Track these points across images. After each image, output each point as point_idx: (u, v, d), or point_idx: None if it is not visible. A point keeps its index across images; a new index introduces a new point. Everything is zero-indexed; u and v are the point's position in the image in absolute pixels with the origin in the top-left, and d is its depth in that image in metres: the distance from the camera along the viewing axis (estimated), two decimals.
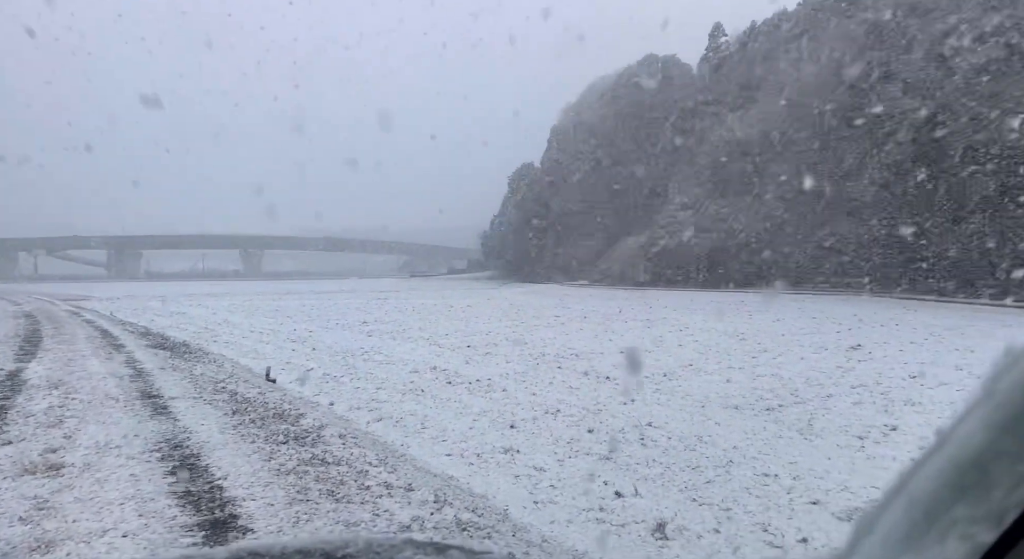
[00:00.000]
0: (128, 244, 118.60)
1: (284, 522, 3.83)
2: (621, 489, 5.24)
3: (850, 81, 36.13)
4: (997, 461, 0.54)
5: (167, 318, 22.51)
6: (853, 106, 35.53)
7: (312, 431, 6.18)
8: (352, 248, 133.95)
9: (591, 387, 9.51)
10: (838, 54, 37.60)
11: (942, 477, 0.58)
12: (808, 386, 9.33)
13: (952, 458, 0.57)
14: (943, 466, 0.58)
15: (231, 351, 13.44)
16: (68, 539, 3.58)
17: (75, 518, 3.89)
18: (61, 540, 3.56)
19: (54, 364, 10.12)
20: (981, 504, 0.55)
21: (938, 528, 0.57)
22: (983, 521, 0.55)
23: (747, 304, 26.84)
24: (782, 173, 40.08)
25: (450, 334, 16.73)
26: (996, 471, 0.54)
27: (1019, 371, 0.54)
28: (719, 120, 47.28)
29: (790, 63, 42.12)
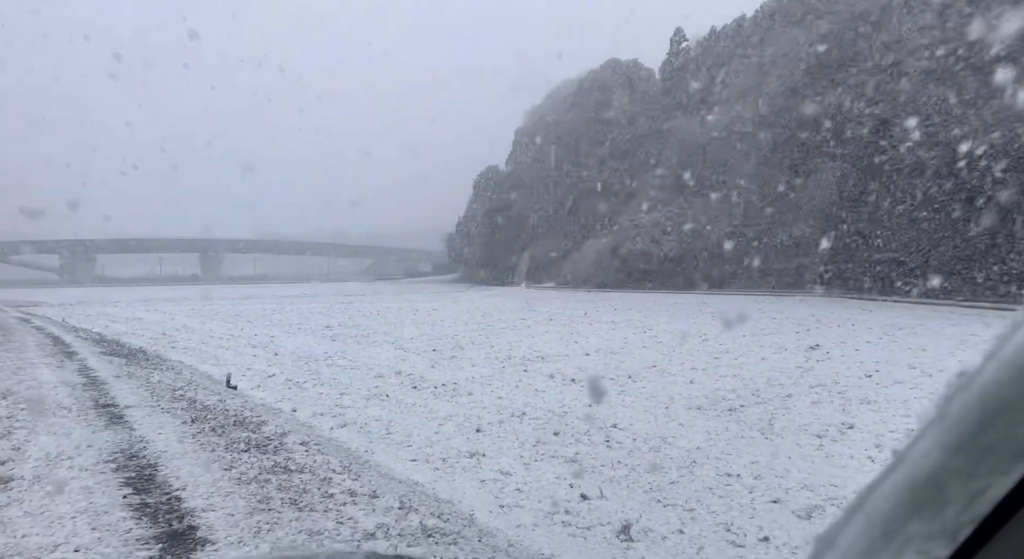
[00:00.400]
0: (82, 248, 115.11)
1: (245, 533, 3.75)
2: (587, 492, 5.27)
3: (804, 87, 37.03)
4: (951, 480, 0.56)
5: (123, 324, 21.92)
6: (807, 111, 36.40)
7: (274, 438, 6.07)
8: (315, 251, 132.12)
9: (557, 390, 9.55)
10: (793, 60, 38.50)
11: (898, 495, 0.59)
12: (769, 386, 9.51)
13: (908, 477, 0.59)
14: (899, 485, 0.60)
15: (190, 357, 13.14)
16: (17, 555, 3.45)
17: (24, 533, 3.75)
18: (10, 556, 3.43)
19: (1, 373, 9.76)
20: (936, 521, 0.57)
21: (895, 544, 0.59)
22: (938, 538, 0.57)
23: (709, 305, 27.26)
24: (742, 176, 40.86)
25: (415, 338, 16.63)
26: (950, 489, 0.56)
27: (971, 393, 0.56)
28: (681, 124, 47.97)
29: (748, 68, 42.97)
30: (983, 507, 0.55)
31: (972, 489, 0.55)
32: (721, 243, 40.57)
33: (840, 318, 20.30)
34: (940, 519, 0.56)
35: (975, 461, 0.55)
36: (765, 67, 41.23)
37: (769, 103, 39.56)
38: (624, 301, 32.25)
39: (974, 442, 0.55)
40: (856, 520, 0.64)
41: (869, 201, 32.47)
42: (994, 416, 0.54)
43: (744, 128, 41.19)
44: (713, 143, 43.14)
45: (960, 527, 0.56)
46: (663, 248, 43.81)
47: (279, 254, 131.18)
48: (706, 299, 32.40)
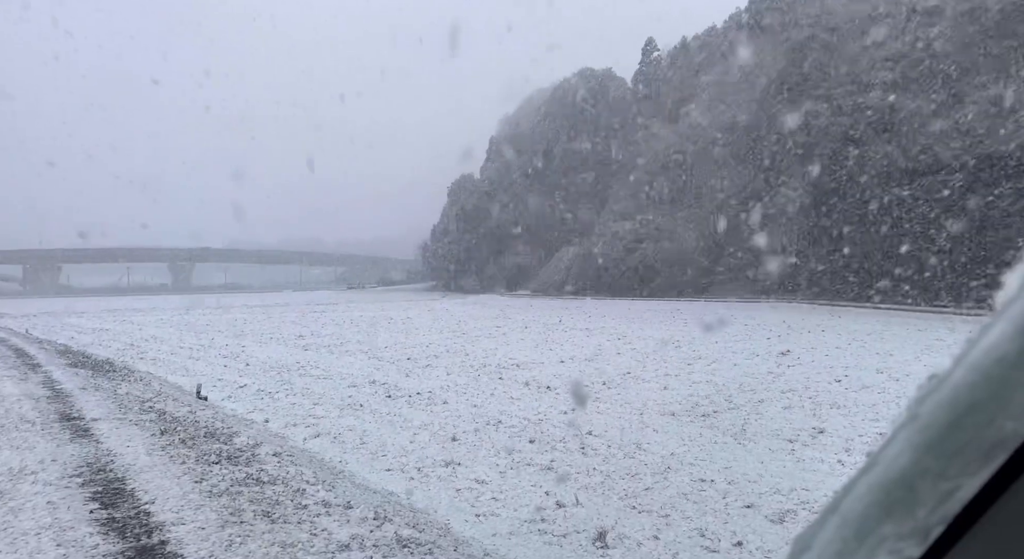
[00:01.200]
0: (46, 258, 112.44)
1: (216, 546, 3.69)
2: (562, 499, 5.27)
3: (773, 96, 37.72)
4: (922, 480, 0.58)
5: (89, 335, 21.44)
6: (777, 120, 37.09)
7: (246, 450, 5.99)
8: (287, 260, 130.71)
9: (532, 397, 9.55)
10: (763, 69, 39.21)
11: (871, 496, 0.61)
12: (741, 392, 9.62)
13: (880, 478, 0.60)
14: (872, 486, 0.61)
15: (159, 368, 12.90)
16: None
17: None
18: None
19: None
20: (907, 521, 0.58)
21: (868, 545, 0.60)
22: (910, 537, 0.58)
23: (682, 312, 27.53)
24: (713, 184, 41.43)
25: (389, 347, 16.52)
26: (921, 490, 0.58)
27: (941, 395, 0.58)
28: (653, 133, 48.52)
29: (719, 77, 43.65)
30: (953, 507, 0.57)
31: (942, 489, 0.57)
32: (693, 250, 41.05)
33: (810, 324, 20.64)
34: (912, 519, 0.58)
35: (945, 462, 0.56)
36: (735, 76, 41.93)
37: (739, 112, 40.21)
38: (598, 308, 32.43)
39: (944, 443, 0.57)
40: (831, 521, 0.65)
41: (838, 209, 33.12)
42: (963, 418, 0.56)
43: (715, 136, 41.80)
44: (685, 151, 43.68)
45: (931, 527, 0.58)
46: (636, 255, 44.17)
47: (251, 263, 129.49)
48: (679, 306, 32.71)
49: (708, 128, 42.46)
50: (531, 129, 61.86)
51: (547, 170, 58.79)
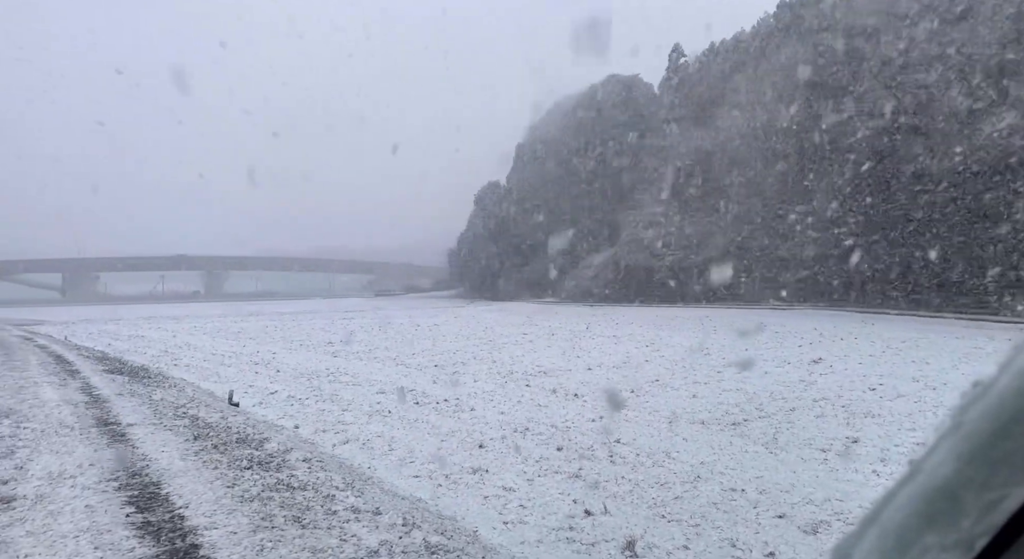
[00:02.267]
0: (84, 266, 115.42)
1: (248, 551, 3.74)
2: (591, 507, 5.24)
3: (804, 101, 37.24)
4: (966, 490, 0.56)
5: (125, 342, 21.92)
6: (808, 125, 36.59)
7: (277, 455, 6.06)
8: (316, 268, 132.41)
9: (560, 405, 9.52)
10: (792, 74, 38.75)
11: (913, 506, 0.59)
12: (772, 400, 9.48)
13: (922, 488, 0.58)
14: (914, 495, 0.59)
15: (192, 375, 13.13)
16: None
17: (27, 553, 3.74)
18: None
19: (3, 392, 9.76)
20: (951, 532, 0.56)
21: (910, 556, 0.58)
22: (953, 549, 0.56)
23: (711, 319, 27.24)
24: (742, 190, 40.99)
25: (417, 354, 16.61)
26: (965, 500, 0.56)
27: (986, 403, 0.56)
28: (680, 139, 48.19)
29: (747, 83, 43.23)
30: (999, 517, 0.55)
31: (987, 499, 0.55)
32: (722, 257, 40.61)
33: (843, 331, 20.27)
34: (955, 530, 0.56)
35: (990, 471, 0.55)
36: (764, 82, 41.47)
37: (770, 116, 39.76)
38: (626, 315, 32.23)
39: (989, 452, 0.55)
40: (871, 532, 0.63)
41: (872, 214, 32.53)
42: (1009, 426, 0.54)
43: (745, 141, 41.38)
44: (713, 157, 43.31)
45: (975, 538, 0.56)
46: (664, 262, 43.84)
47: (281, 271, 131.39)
48: (707, 313, 32.37)
49: (738, 132, 42.04)
50: (558, 136, 61.86)
51: (574, 176, 58.74)
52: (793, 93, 38.28)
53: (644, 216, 48.16)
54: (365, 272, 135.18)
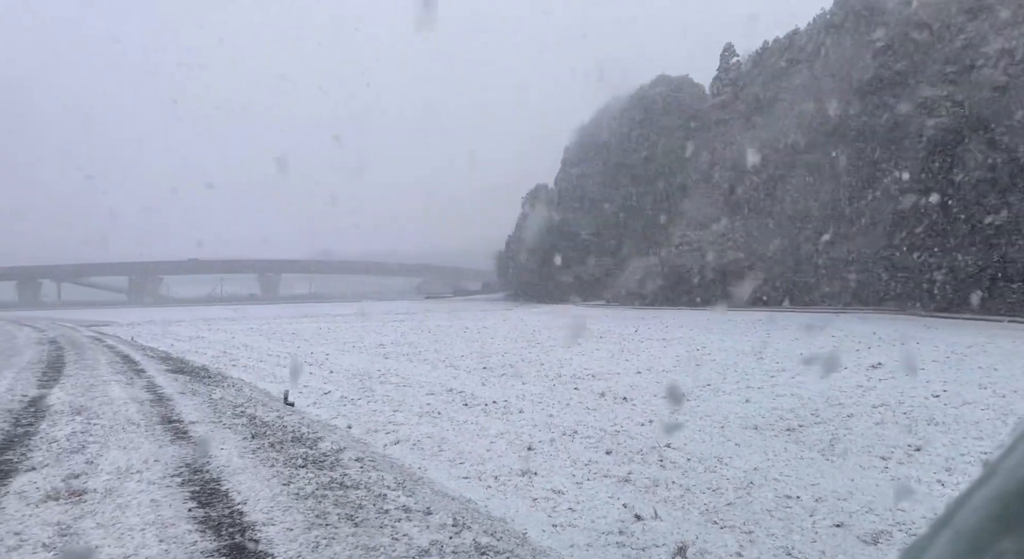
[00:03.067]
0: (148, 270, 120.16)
1: (303, 547, 3.84)
2: (641, 512, 5.20)
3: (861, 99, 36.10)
4: None
5: (186, 342, 22.72)
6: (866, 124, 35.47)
7: (330, 455, 6.20)
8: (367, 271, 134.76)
9: (608, 408, 9.46)
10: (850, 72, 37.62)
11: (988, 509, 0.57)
12: (829, 406, 9.22)
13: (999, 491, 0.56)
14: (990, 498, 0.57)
15: (249, 375, 13.52)
16: None
17: (97, 544, 3.92)
18: None
19: (76, 390, 10.24)
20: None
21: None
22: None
23: (763, 323, 26.63)
24: (796, 191, 39.98)
25: (466, 356, 16.73)
26: None
27: None
28: (732, 139, 47.33)
29: (802, 82, 42.16)
30: None
31: None
32: (776, 259, 39.69)
33: (903, 336, 19.57)
34: None
35: None
36: (820, 80, 40.38)
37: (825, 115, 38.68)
38: (675, 318, 31.79)
39: None
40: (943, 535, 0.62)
41: (936, 215, 31.31)
42: None
43: (799, 141, 40.36)
44: (766, 157, 42.37)
45: None
46: (715, 264, 43.09)
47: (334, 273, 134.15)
48: (760, 316, 31.67)
49: (791, 132, 41.04)
50: (606, 138, 61.53)
51: (622, 178, 58.31)
52: (852, 90, 37.15)
53: (694, 218, 47.46)
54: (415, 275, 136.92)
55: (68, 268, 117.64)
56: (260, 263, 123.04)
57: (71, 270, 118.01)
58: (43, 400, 9.27)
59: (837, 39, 40.82)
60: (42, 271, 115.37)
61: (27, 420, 7.81)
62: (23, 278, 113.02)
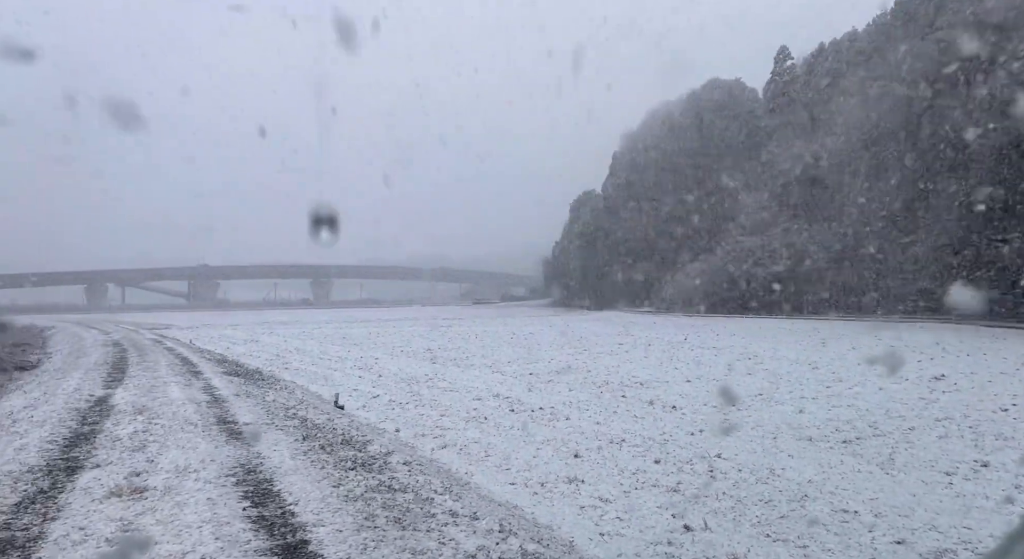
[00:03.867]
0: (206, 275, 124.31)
1: (353, 549, 3.89)
2: (691, 522, 5.10)
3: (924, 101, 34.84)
4: None
5: (242, 346, 23.37)
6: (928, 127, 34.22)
7: (379, 457, 6.27)
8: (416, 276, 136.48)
9: (657, 417, 9.33)
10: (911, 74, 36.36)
11: None
12: (888, 418, 8.89)
13: None
14: None
15: (301, 378, 13.82)
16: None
17: (157, 540, 4.05)
18: None
19: (138, 390, 10.64)
20: None
21: None
22: None
23: (819, 332, 25.89)
24: (854, 196, 38.79)
25: (512, 361, 16.75)
26: None
27: None
28: (785, 144, 46.26)
29: (860, 84, 40.93)
30: None
31: None
32: (831, 266, 38.56)
33: (968, 346, 18.74)
34: None
35: None
36: (879, 81, 39.14)
37: (884, 118, 37.47)
38: (726, 326, 31.18)
39: None
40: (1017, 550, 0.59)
41: (1000, 221, 29.96)
42: None
43: (856, 145, 39.18)
44: (822, 162, 41.26)
45: None
46: (768, 271, 42.12)
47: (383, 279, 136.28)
48: (815, 325, 30.80)
49: (848, 136, 39.86)
50: (655, 143, 60.91)
51: (672, 184, 57.60)
52: (913, 92, 35.88)
53: (747, 224, 46.54)
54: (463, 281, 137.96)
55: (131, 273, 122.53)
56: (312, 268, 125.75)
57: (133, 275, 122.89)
58: (108, 400, 9.66)
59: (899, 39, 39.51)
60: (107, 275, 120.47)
61: (93, 419, 8.14)
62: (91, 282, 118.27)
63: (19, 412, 9.09)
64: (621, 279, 59.15)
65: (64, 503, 4.81)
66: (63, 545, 4.00)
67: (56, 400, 9.73)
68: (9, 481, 5.36)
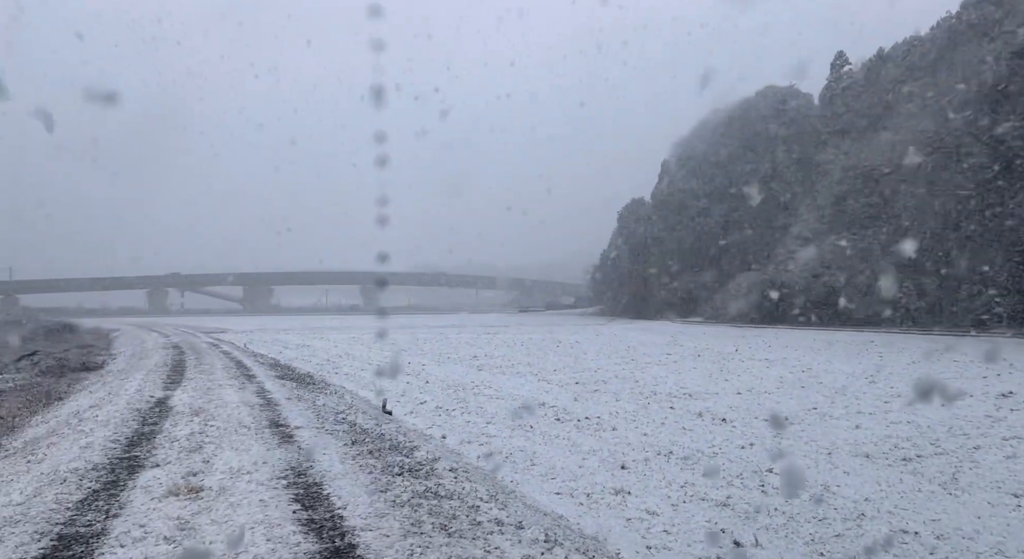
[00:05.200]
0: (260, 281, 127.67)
1: (399, 554, 3.92)
2: (740, 538, 4.99)
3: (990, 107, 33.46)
4: None
5: (294, 350, 23.90)
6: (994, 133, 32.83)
7: (425, 464, 6.32)
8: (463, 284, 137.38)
9: (706, 429, 9.16)
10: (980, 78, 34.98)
11: None
12: (951, 436, 8.53)
13: None
14: None
15: (350, 383, 14.04)
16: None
17: (211, 540, 4.17)
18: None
19: (195, 392, 10.98)
20: None
21: None
22: None
23: (876, 345, 25.03)
24: (914, 206, 37.46)
25: (558, 370, 16.68)
26: None
27: None
28: (842, 151, 45.00)
29: (924, 89, 39.56)
30: None
31: None
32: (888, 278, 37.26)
33: None
34: None
35: None
36: (943, 87, 37.76)
37: (948, 125, 36.11)
38: (779, 338, 30.43)
39: None
40: None
41: None
42: None
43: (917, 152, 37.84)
44: (880, 169, 40.00)
45: None
46: (823, 282, 40.95)
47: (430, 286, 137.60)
48: (872, 338, 29.79)
49: (909, 143, 38.51)
50: (706, 151, 60.01)
51: (723, 193, 56.63)
52: (980, 98, 34.50)
53: (802, 233, 45.41)
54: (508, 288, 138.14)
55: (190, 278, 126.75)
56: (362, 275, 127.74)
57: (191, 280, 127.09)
58: (167, 401, 10.00)
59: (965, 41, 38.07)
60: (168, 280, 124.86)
61: (153, 420, 8.44)
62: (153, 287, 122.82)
63: (85, 411, 9.50)
64: (670, 288, 58.35)
65: (125, 501, 5.00)
66: (124, 542, 4.15)
67: (119, 400, 10.13)
68: (75, 478, 5.60)
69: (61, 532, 4.33)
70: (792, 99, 56.17)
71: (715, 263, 55.38)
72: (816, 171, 47.36)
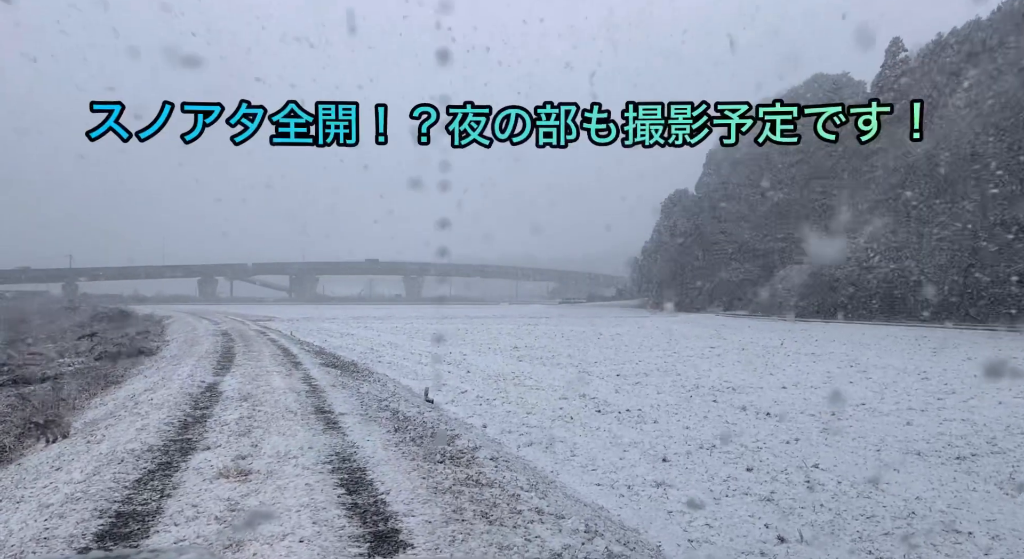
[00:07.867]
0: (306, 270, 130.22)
1: (441, 540, 3.98)
2: (785, 534, 4.91)
3: None
4: None
5: (338, 339, 24.32)
6: None
7: (467, 452, 6.38)
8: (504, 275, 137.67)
9: (749, 423, 9.03)
10: None
11: None
12: (1009, 434, 8.23)
13: None
14: None
15: (393, 371, 14.24)
16: (254, 540, 3.96)
17: (260, 522, 4.29)
18: (248, 540, 3.95)
19: (244, 378, 11.29)
20: None
21: None
22: None
23: (929, 340, 24.25)
24: (973, 197, 36.05)
25: (599, 362, 16.62)
26: None
27: None
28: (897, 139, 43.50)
29: (981, 76, 37.94)
30: None
31: None
32: (944, 271, 36.01)
33: None
34: None
35: None
36: (1005, 72, 36.16)
37: (1009, 112, 34.60)
38: (826, 332, 29.72)
39: None
40: None
41: None
42: None
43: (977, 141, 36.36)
44: (937, 158, 38.58)
45: None
46: (874, 275, 39.78)
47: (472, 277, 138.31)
48: (924, 332, 28.86)
49: (968, 131, 37.04)
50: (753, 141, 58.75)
51: (769, 183, 55.39)
52: None
53: (852, 224, 44.14)
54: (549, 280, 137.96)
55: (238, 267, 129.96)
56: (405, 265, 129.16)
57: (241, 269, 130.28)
58: (217, 387, 10.30)
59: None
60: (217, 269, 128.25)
61: (204, 404, 8.71)
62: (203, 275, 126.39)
63: (140, 395, 9.86)
64: (714, 281, 57.47)
65: (179, 481, 5.18)
66: (177, 520, 4.31)
67: (172, 385, 10.48)
68: (132, 459, 5.82)
69: (119, 510, 4.52)
70: (843, 87, 54.55)
71: (761, 255, 54.34)
72: (868, 161, 45.94)
